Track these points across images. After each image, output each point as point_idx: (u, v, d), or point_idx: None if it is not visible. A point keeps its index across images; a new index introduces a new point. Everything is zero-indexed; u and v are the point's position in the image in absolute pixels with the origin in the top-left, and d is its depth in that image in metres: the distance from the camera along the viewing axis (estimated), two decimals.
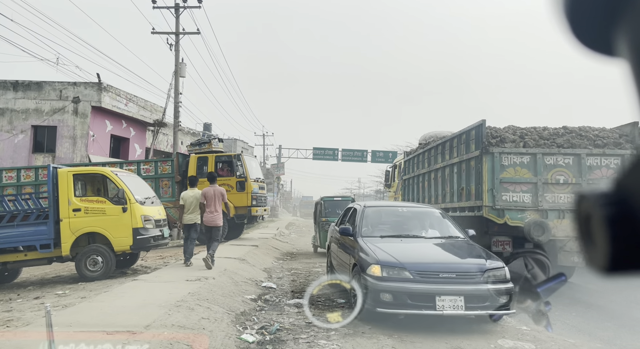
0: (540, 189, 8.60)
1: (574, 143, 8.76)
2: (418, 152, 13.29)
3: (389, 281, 5.76)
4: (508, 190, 8.70)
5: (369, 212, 7.69)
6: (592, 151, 8.63)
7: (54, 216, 9.35)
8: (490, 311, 5.72)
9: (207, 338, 4.82)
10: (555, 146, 8.79)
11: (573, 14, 0.57)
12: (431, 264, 5.96)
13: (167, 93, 21.34)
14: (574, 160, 8.63)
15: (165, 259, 11.76)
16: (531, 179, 8.63)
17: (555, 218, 8.43)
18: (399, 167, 16.27)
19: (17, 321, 5.74)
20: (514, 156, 8.70)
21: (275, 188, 50.40)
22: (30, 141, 19.87)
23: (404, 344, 5.35)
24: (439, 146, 11.33)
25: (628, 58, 0.54)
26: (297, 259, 13.69)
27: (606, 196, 0.54)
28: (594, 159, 8.59)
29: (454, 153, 10.29)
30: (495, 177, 8.67)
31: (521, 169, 8.68)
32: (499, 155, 8.67)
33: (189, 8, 20.38)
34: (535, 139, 8.97)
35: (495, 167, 8.65)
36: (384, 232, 7.12)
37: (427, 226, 7.50)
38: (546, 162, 8.65)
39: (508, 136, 9.04)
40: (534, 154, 8.64)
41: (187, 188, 15.96)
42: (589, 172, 8.59)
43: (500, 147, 8.79)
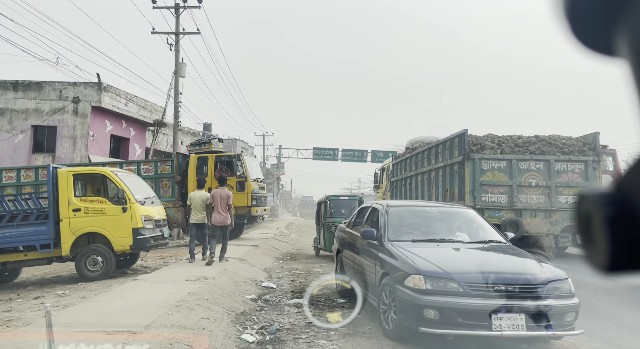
0: (515, 191, 9.76)
1: (544, 150, 9.91)
2: (406, 156, 14.30)
3: (434, 294, 4.87)
4: (487, 192, 9.87)
5: (394, 212, 6.73)
6: (559, 157, 9.77)
7: (53, 216, 9.35)
8: (555, 332, 4.93)
9: (207, 338, 4.82)
10: (528, 153, 9.89)
11: (573, 14, 0.57)
12: (484, 275, 5.02)
13: (167, 93, 21.34)
14: (544, 165, 9.78)
15: (165, 259, 11.76)
16: (507, 182, 9.80)
17: (528, 217, 9.63)
18: (387, 169, 17.21)
19: (17, 321, 5.74)
20: (492, 162, 9.84)
21: (275, 188, 50.40)
22: (30, 141, 19.87)
23: (404, 344, 5.35)
24: (425, 151, 12.39)
25: (628, 58, 0.54)
26: (297, 259, 13.69)
27: (606, 196, 0.54)
28: (562, 164, 9.78)
29: (439, 158, 11.28)
30: (476, 180, 9.79)
31: (498, 173, 9.84)
32: (479, 160, 9.81)
33: (189, 8, 20.38)
34: (510, 146, 10.11)
35: (475, 171, 9.77)
36: (414, 236, 6.22)
37: (462, 229, 6.61)
38: (520, 167, 9.80)
39: (487, 143, 10.16)
40: (510, 159, 9.78)
41: (187, 188, 16.05)
42: (557, 176, 9.80)
43: (480, 153, 9.91)
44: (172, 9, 20.36)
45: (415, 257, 5.34)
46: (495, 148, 10.07)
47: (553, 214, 9.70)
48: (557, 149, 10.00)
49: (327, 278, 9.94)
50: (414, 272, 5.06)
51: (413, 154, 13.49)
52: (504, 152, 9.95)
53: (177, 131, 20.83)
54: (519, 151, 9.99)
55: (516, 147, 10.10)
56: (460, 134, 10.12)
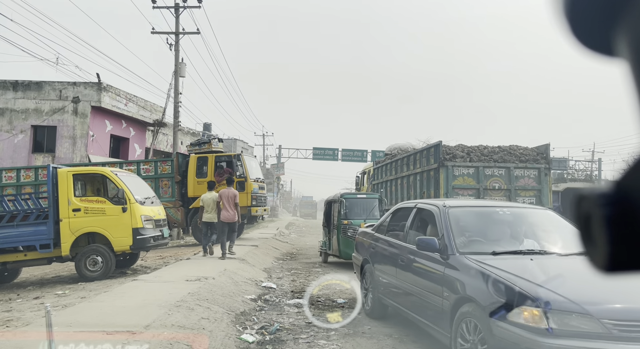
0: (481, 193, 11.22)
1: (506, 159, 11.53)
2: (386, 162, 15.77)
3: (562, 337, 3.36)
4: (458, 194, 11.25)
5: (457, 215, 5.18)
6: (518, 165, 11.40)
7: (53, 216, 9.35)
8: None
9: (207, 338, 4.83)
10: (492, 161, 11.48)
11: (573, 14, 0.57)
12: (634, 308, 3.57)
13: (167, 93, 21.34)
14: (505, 171, 11.39)
15: (165, 259, 11.76)
16: (475, 186, 11.33)
17: None
18: (368, 173, 18.90)
19: (17, 321, 5.74)
20: (462, 168, 11.36)
21: (275, 188, 50.40)
22: (30, 141, 19.86)
23: (404, 344, 5.35)
24: (405, 158, 13.95)
25: (628, 58, 0.54)
26: (297, 259, 13.69)
27: (606, 195, 0.54)
28: (519, 170, 11.42)
29: (417, 164, 12.87)
30: (449, 184, 11.23)
31: (468, 178, 11.35)
32: (451, 167, 11.29)
33: (189, 8, 20.38)
34: (478, 155, 11.62)
35: (449, 176, 11.26)
36: (492, 246, 4.71)
37: (548, 235, 5.22)
38: (486, 173, 11.37)
39: (458, 153, 11.64)
40: (477, 167, 11.34)
41: (187, 188, 16.10)
42: (516, 180, 11.38)
43: (452, 161, 11.38)
44: (172, 9, 20.36)
45: (514, 278, 3.83)
46: (465, 157, 11.59)
47: None
48: (516, 157, 11.61)
49: (327, 278, 9.95)
50: (526, 302, 3.55)
51: (393, 160, 15.02)
52: (472, 161, 11.48)
53: (177, 131, 20.83)
54: (484, 159, 11.54)
55: (482, 156, 11.68)
56: (436, 145, 11.79)
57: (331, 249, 12.18)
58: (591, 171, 43.65)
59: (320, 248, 13.29)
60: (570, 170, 41.74)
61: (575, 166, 43.98)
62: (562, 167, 42.12)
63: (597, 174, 43.31)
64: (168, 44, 20.50)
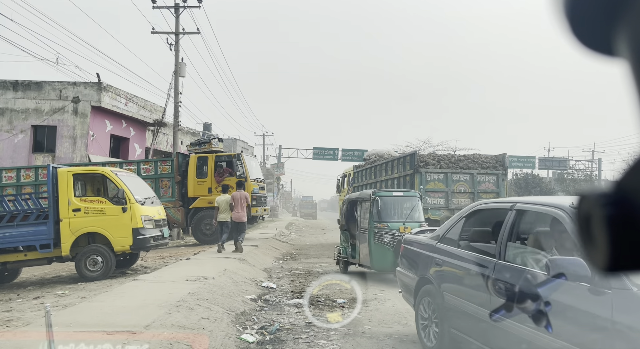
0: (450, 196, 13.03)
1: (470, 166, 13.30)
2: (366, 166, 17.33)
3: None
4: (430, 196, 12.88)
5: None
6: (480, 171, 13.22)
7: (53, 216, 9.35)
8: None
9: (207, 338, 4.83)
10: (459, 168, 13.23)
11: (573, 14, 0.57)
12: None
13: (167, 93, 21.33)
14: (469, 177, 13.14)
15: (165, 259, 11.76)
16: (444, 189, 13.04)
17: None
18: (348, 176, 20.39)
19: (17, 321, 5.74)
20: (433, 174, 13.08)
21: (275, 188, 50.38)
22: (30, 141, 19.86)
23: (404, 344, 5.36)
24: (384, 164, 15.60)
25: (628, 58, 0.54)
26: (297, 259, 13.69)
27: (606, 196, 0.54)
28: (481, 176, 13.23)
29: (395, 170, 14.43)
30: (422, 188, 12.76)
31: (438, 182, 13.05)
32: (424, 173, 12.98)
33: (189, 8, 20.37)
34: (447, 163, 13.38)
35: (422, 181, 12.92)
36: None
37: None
38: (453, 179, 13.08)
39: (430, 161, 13.43)
40: (446, 173, 13.08)
41: (187, 188, 16.17)
42: (478, 184, 13.18)
43: (425, 168, 13.08)
44: (172, 9, 20.35)
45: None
46: (436, 164, 13.31)
47: None
48: (479, 165, 13.41)
49: (327, 278, 9.95)
50: None
51: (373, 165, 16.65)
52: (442, 168, 13.23)
53: (177, 131, 20.83)
54: (452, 166, 13.26)
55: (450, 164, 13.40)
56: (412, 154, 13.85)
57: (356, 258, 10.16)
58: (591, 171, 43.64)
59: (338, 255, 11.05)
60: (570, 170, 41.74)
61: (575, 166, 43.98)
62: (562, 167, 42.13)
63: (597, 174, 43.30)
64: (168, 44, 20.50)
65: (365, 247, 9.72)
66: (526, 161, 41.64)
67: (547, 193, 23.62)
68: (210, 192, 15.52)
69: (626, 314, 2.72)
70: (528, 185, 24.29)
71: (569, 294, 3.16)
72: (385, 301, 7.70)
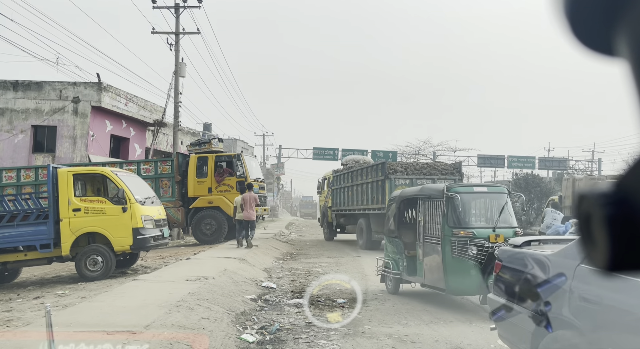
0: None
1: (431, 172, 15.22)
2: (344, 171, 18.98)
3: None
4: None
5: None
6: (440, 176, 14.87)
7: (53, 216, 9.35)
8: None
9: (207, 338, 4.83)
10: (422, 174, 15.04)
11: (573, 14, 0.57)
12: None
13: (167, 93, 21.32)
14: (431, 181, 14.40)
15: (165, 259, 11.76)
16: None
17: None
18: (328, 179, 21.75)
19: (17, 321, 5.74)
20: (401, 179, 14.71)
21: (275, 188, 50.37)
22: (30, 140, 19.86)
23: (404, 344, 5.36)
24: (359, 170, 17.23)
25: (628, 58, 0.54)
26: (297, 259, 13.70)
27: (607, 195, 0.54)
28: (441, 181, 14.21)
29: (369, 176, 16.12)
30: (392, 191, 13.43)
31: (405, 186, 13.60)
32: (393, 179, 14.67)
33: (189, 8, 20.37)
34: (412, 170, 15.21)
35: (391, 185, 14.42)
36: None
37: None
38: (417, 183, 14.24)
39: (398, 168, 15.23)
40: (412, 178, 14.82)
41: (187, 188, 16.21)
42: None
43: (394, 174, 14.80)
44: (172, 9, 20.35)
45: None
46: (403, 171, 15.08)
47: None
48: (439, 171, 15.34)
49: (327, 278, 9.95)
50: None
51: (350, 170, 18.26)
52: (408, 174, 15.02)
53: (177, 131, 20.83)
54: (417, 172, 15.14)
55: (416, 170, 15.25)
56: (383, 162, 15.70)
57: (418, 275, 7.78)
58: (591, 171, 43.64)
59: (384, 270, 8.64)
60: (570, 170, 41.75)
61: (575, 166, 43.99)
62: (562, 167, 42.14)
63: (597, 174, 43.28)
64: (168, 44, 20.50)
65: (436, 262, 7.23)
66: (526, 160, 41.67)
67: (549, 193, 23.56)
68: (210, 192, 15.53)
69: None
70: (528, 185, 24.24)
71: None
72: (385, 301, 7.70)
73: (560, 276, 3.45)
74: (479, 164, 43.27)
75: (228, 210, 15.26)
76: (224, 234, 15.33)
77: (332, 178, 20.55)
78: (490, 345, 5.34)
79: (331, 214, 19.74)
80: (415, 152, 47.45)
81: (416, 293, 8.18)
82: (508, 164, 41.68)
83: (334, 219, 19.58)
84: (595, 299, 3.09)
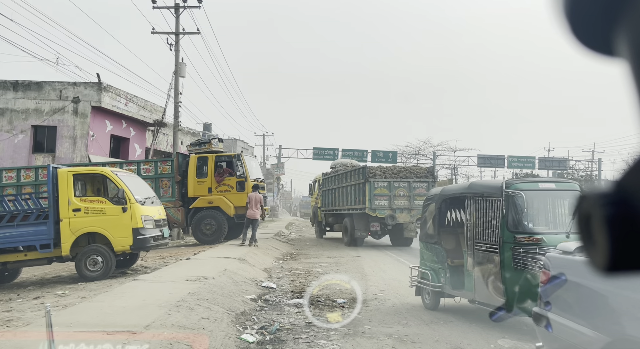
0: (392, 199, 16.32)
1: (407, 175, 16.70)
2: (332, 174, 20.54)
3: None
4: (378, 199, 16.24)
5: None
6: (415, 179, 16.59)
7: (53, 216, 9.35)
8: None
9: (207, 338, 4.83)
10: (399, 177, 16.57)
11: (573, 14, 0.57)
12: None
13: (167, 93, 21.32)
14: (407, 184, 16.49)
15: (165, 259, 11.76)
16: (387, 194, 16.30)
17: (399, 213, 16.19)
18: (318, 181, 23.24)
19: (17, 321, 5.74)
20: (380, 182, 16.26)
21: (275, 188, 50.36)
22: (30, 141, 19.85)
23: (404, 344, 5.35)
24: (344, 173, 18.89)
25: (628, 58, 0.54)
26: (297, 259, 13.70)
27: (606, 196, 0.54)
28: (416, 183, 16.60)
29: (352, 179, 17.70)
30: (372, 193, 16.15)
31: (383, 188, 16.30)
32: (373, 182, 16.19)
33: (189, 8, 20.37)
34: (390, 174, 16.65)
35: (371, 188, 16.16)
36: None
37: None
38: (395, 185, 16.37)
39: (378, 172, 16.65)
40: (390, 181, 16.34)
41: (187, 188, 16.20)
42: (414, 190, 16.53)
43: (374, 178, 16.29)
44: (172, 9, 20.34)
45: None
46: (382, 175, 16.52)
47: (412, 211, 16.23)
48: (414, 174, 16.81)
49: (327, 278, 9.95)
50: None
51: (337, 174, 19.87)
52: (387, 177, 16.48)
53: (177, 131, 20.82)
54: (394, 176, 16.59)
55: (393, 174, 16.70)
56: (363, 167, 17.37)
57: (465, 290, 6.58)
58: (591, 171, 43.63)
59: (420, 282, 7.46)
60: (570, 170, 41.75)
61: (575, 166, 43.99)
62: (562, 167, 42.15)
63: (597, 174, 43.28)
64: (168, 44, 20.50)
65: (491, 274, 6.01)
66: (526, 161, 41.68)
67: None
68: (210, 193, 15.53)
69: None
70: None
71: None
72: (385, 301, 7.70)
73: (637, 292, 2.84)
74: (479, 164, 43.29)
75: (228, 210, 15.25)
76: (224, 234, 15.32)
77: (321, 180, 22.25)
78: (490, 345, 5.34)
79: (321, 213, 21.36)
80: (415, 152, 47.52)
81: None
82: (508, 164, 41.69)
83: (323, 218, 21.10)
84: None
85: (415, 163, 48.80)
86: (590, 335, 3.10)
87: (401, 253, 15.08)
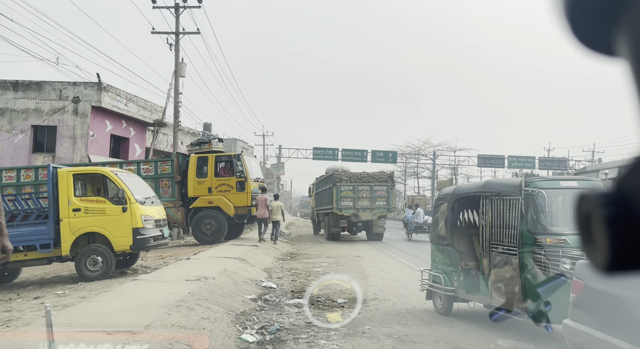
0: (356, 200, 19.39)
1: (370, 180, 19.76)
2: (319, 179, 24.55)
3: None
4: (344, 200, 19.36)
5: None
6: (376, 183, 19.64)
7: (53, 216, 9.35)
8: None
9: (207, 338, 4.83)
10: (362, 182, 19.64)
11: (573, 14, 0.57)
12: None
13: (167, 93, 21.32)
14: (369, 188, 19.56)
15: (165, 259, 11.76)
16: (352, 196, 19.41)
17: (362, 212, 19.27)
18: (314, 185, 26.79)
19: (17, 321, 5.74)
20: (346, 186, 19.51)
21: (275, 188, 50.36)
22: (30, 140, 19.85)
23: (404, 344, 5.35)
24: (324, 179, 22.80)
25: (628, 58, 0.54)
26: (297, 259, 13.70)
27: (606, 196, 0.54)
28: (377, 187, 19.56)
29: (327, 184, 21.15)
30: (338, 195, 19.37)
31: (349, 191, 19.45)
32: (339, 186, 19.45)
33: (189, 8, 20.36)
34: (355, 179, 19.83)
35: (338, 191, 19.40)
36: None
37: None
38: (359, 189, 19.50)
39: (344, 178, 19.88)
40: (354, 185, 19.54)
41: (187, 188, 16.21)
42: (375, 192, 19.54)
43: (340, 183, 19.53)
44: (172, 9, 20.34)
45: None
46: (347, 180, 19.73)
47: (373, 210, 19.43)
48: (376, 179, 19.83)
49: (327, 278, 9.95)
50: None
51: (321, 179, 23.75)
52: (352, 182, 19.68)
53: (177, 131, 20.82)
54: (359, 180, 19.73)
55: (358, 179, 19.79)
56: (331, 174, 20.61)
57: (484, 293, 6.15)
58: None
59: (431, 285, 7.07)
60: (570, 170, 41.77)
61: (575, 166, 43.99)
62: (562, 167, 42.16)
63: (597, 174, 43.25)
64: (168, 44, 20.49)
65: (509, 277, 5.61)
66: (526, 161, 41.72)
67: None
68: (210, 192, 15.53)
69: None
70: None
71: None
72: (385, 301, 7.70)
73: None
74: (479, 164, 43.32)
75: (228, 210, 15.25)
76: (224, 234, 15.32)
77: (315, 184, 26.36)
78: (490, 345, 5.34)
79: (314, 213, 25.90)
80: (415, 152, 47.54)
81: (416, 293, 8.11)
82: (508, 164, 41.73)
83: (316, 217, 25.25)
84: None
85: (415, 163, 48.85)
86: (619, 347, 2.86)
87: (401, 253, 15.09)
